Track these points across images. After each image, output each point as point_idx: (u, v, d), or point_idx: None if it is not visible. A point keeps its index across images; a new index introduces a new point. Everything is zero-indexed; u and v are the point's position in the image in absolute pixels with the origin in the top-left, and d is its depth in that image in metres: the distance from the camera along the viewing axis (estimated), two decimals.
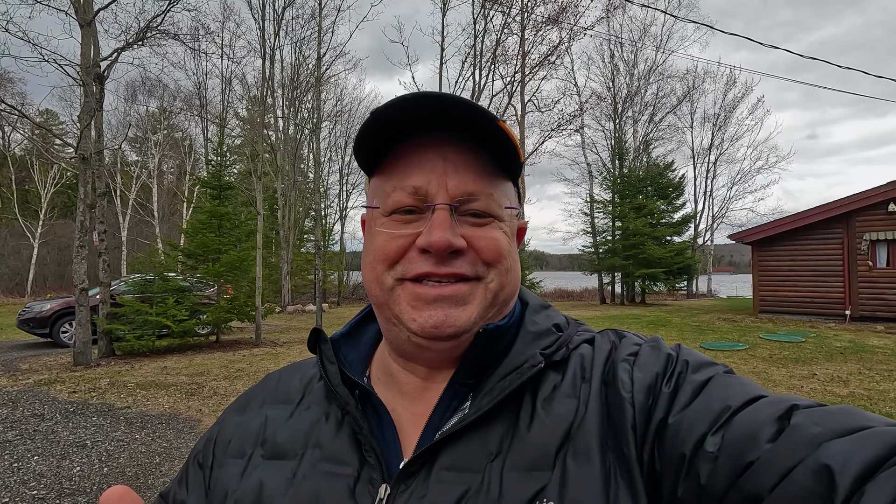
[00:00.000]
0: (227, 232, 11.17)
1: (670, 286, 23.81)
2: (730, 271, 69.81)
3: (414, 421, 0.53)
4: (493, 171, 0.53)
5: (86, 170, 8.24)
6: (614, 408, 0.47)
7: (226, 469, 0.57)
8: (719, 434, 0.41)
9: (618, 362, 0.51)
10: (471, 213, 0.51)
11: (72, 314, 10.16)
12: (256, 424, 0.59)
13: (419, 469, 0.48)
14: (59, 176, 29.54)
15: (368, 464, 0.50)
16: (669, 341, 0.74)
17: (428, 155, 0.51)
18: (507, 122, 0.49)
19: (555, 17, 15.60)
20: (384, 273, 0.51)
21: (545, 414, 0.49)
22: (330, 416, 0.55)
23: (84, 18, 8.17)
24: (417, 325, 0.49)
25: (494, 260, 0.51)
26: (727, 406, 0.43)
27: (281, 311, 18.22)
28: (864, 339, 10.50)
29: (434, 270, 0.49)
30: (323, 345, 0.59)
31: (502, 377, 0.50)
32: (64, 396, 6.28)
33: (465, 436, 0.48)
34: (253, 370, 7.80)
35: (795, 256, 14.28)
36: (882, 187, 12.75)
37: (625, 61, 26.79)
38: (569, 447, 0.46)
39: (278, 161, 19.81)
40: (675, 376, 0.48)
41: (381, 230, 0.52)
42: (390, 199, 0.52)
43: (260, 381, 0.66)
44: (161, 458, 4.30)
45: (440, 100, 0.48)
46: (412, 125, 0.51)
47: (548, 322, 0.56)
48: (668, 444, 0.44)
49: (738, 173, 29.31)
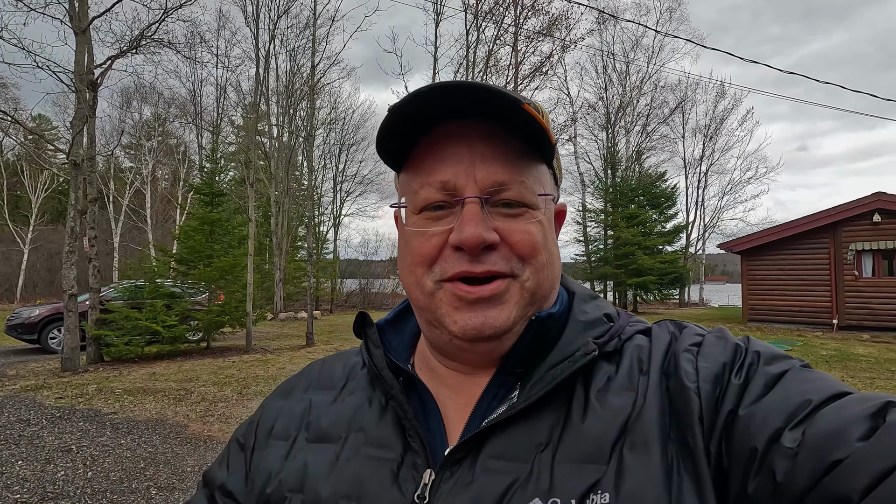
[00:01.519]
0: (218, 238, 11.18)
1: (662, 295, 23.97)
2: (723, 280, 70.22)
3: (459, 409, 0.52)
4: (525, 156, 0.50)
5: (77, 176, 8.26)
6: (677, 399, 0.45)
7: (269, 451, 0.57)
8: (798, 429, 0.39)
9: (679, 353, 0.48)
10: (503, 204, 0.49)
11: (61, 320, 10.11)
12: (300, 409, 0.59)
13: (465, 456, 0.47)
14: (51, 181, 29.42)
15: (412, 449, 0.49)
16: None
17: (454, 146, 0.49)
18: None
19: (546, 29, 15.84)
20: (424, 276, 0.50)
21: (600, 405, 0.47)
22: (373, 401, 0.55)
23: (79, 26, 8.24)
24: (458, 327, 0.49)
25: (529, 255, 0.49)
26: (807, 400, 0.40)
27: (273, 318, 18.17)
28: (850, 347, 10.64)
29: (470, 269, 0.48)
30: (368, 329, 0.59)
31: (553, 366, 0.49)
32: (50, 402, 6.26)
33: (513, 425, 0.47)
34: (242, 376, 7.79)
35: (783, 266, 14.46)
36: (867, 198, 12.98)
37: (617, 72, 27.19)
38: (626, 440, 0.44)
39: (272, 168, 19.87)
40: (746, 367, 0.46)
41: (414, 230, 0.51)
42: (419, 196, 0.51)
43: (302, 370, 0.67)
44: (146, 463, 4.31)
45: (460, 88, 0.46)
46: (433, 116, 0.49)
47: (598, 312, 0.54)
48: (738, 437, 0.41)
49: (729, 183, 29.67)
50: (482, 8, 15.70)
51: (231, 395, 6.69)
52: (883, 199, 12.73)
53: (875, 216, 12.80)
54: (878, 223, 12.83)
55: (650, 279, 21.19)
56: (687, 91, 28.84)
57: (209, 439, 4.97)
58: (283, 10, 16.56)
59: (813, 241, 13.93)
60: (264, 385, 7.20)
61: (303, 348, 10.90)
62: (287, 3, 16.80)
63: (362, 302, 25.14)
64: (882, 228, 12.81)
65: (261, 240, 22.27)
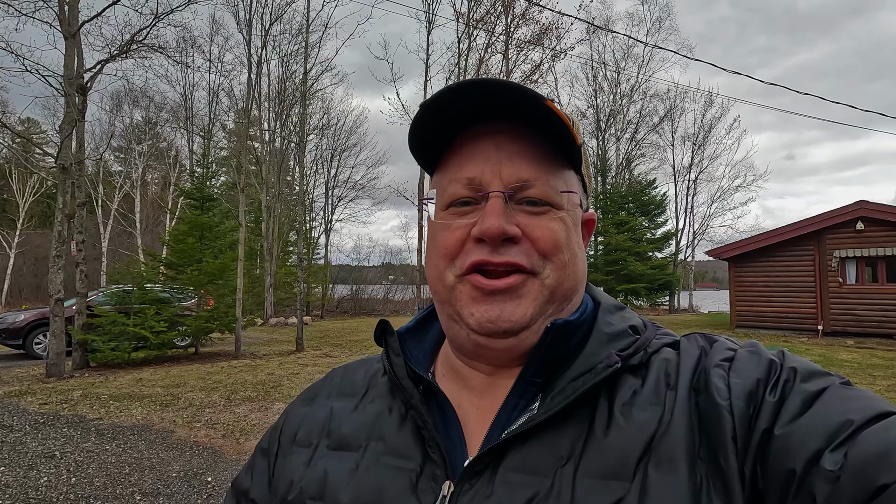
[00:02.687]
0: (208, 242, 11.14)
1: (652, 301, 24.14)
2: (713, 287, 70.84)
3: (480, 417, 0.51)
4: (551, 158, 0.51)
5: (65, 180, 8.21)
6: (708, 416, 0.43)
7: (291, 457, 0.57)
8: (840, 451, 0.37)
9: (710, 368, 0.46)
10: (527, 202, 0.49)
11: (46, 325, 9.98)
12: (322, 416, 0.59)
13: (484, 468, 0.46)
14: (39, 185, 29.12)
15: (431, 460, 0.49)
16: None
17: (482, 145, 0.50)
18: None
19: (537, 37, 16.04)
20: (446, 269, 0.51)
21: (624, 420, 0.45)
22: (393, 410, 0.55)
23: (69, 30, 8.23)
24: (475, 319, 0.48)
25: (550, 251, 0.49)
26: (848, 420, 0.38)
27: (263, 323, 18.07)
28: (835, 353, 10.80)
29: (489, 258, 0.48)
30: (389, 337, 0.58)
31: (575, 377, 0.48)
32: (34, 408, 6.19)
33: (534, 437, 0.46)
34: (231, 382, 7.75)
35: (770, 273, 14.65)
36: (850, 206, 13.22)
37: (608, 80, 27.53)
38: (651, 457, 0.43)
39: (263, 173, 19.84)
40: (781, 384, 0.43)
41: (439, 223, 0.52)
42: (447, 192, 0.52)
43: (325, 376, 0.66)
44: (131, 469, 4.28)
45: (483, 85, 0.47)
46: (461, 119, 0.50)
47: (623, 323, 0.53)
48: (775, 458, 0.39)
49: (718, 191, 30.05)
50: (473, 17, 15.87)
51: (219, 400, 6.65)
52: (866, 207, 12.98)
53: (858, 224, 13.03)
54: (861, 231, 13.06)
55: (641, 286, 21.37)
56: (676, 100, 29.31)
57: (195, 445, 4.94)
58: (276, 16, 16.63)
59: (798, 248, 14.14)
60: (252, 391, 7.17)
61: (292, 354, 10.86)
62: (280, 10, 16.88)
63: (354, 308, 25.04)
64: (865, 236, 13.04)
65: (251, 245, 22.17)
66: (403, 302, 27.04)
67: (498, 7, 15.89)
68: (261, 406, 6.39)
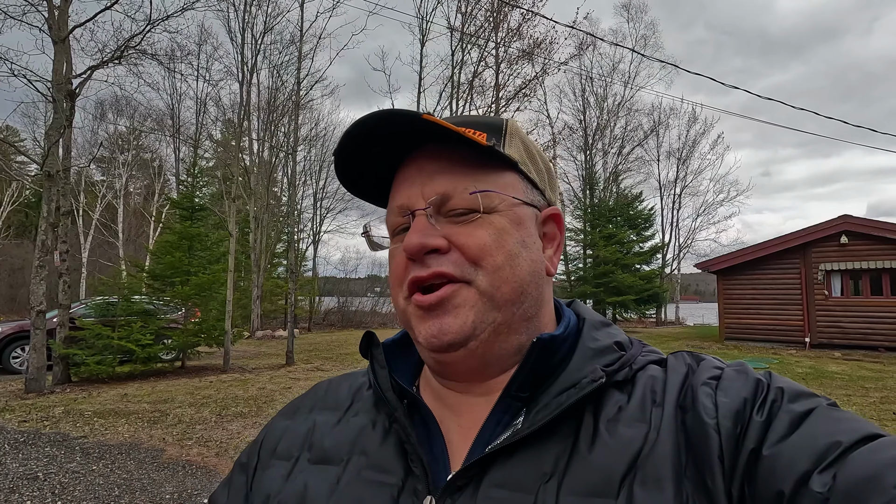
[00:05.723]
0: (197, 254, 10.88)
1: (640, 313, 24.31)
2: (696, 300, 71.81)
3: (463, 434, 0.51)
4: (476, 166, 0.50)
5: (51, 187, 7.95)
6: (695, 435, 0.43)
7: (270, 471, 0.56)
8: (829, 473, 0.37)
9: (697, 386, 0.46)
10: (451, 213, 0.50)
11: (24, 338, 9.60)
12: (304, 429, 0.58)
13: (467, 483, 0.46)
14: (18, 194, 28.34)
15: (413, 474, 0.48)
16: None
17: (408, 171, 0.52)
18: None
19: (528, 52, 16.23)
20: (398, 295, 0.52)
21: (609, 436, 0.45)
22: (377, 424, 0.54)
23: (58, 35, 8.04)
24: (423, 337, 0.49)
25: (478, 257, 0.48)
26: (836, 441, 0.38)
27: (250, 336, 17.70)
28: (824, 365, 10.92)
29: (418, 274, 0.48)
30: (375, 349, 0.57)
31: (559, 392, 0.48)
32: (13, 426, 5.88)
33: (518, 452, 0.46)
34: (221, 397, 7.50)
35: (757, 285, 14.86)
36: (834, 220, 13.53)
37: (595, 95, 27.99)
38: (636, 475, 0.42)
39: (251, 184, 19.59)
40: (769, 404, 0.43)
41: (389, 253, 0.53)
42: (388, 223, 0.54)
43: (309, 390, 0.66)
44: (121, 491, 4.06)
45: (364, 124, 0.48)
46: (383, 154, 0.52)
47: (609, 339, 0.53)
48: (763, 479, 0.39)
49: (702, 205, 30.59)
50: (467, 30, 16.02)
51: (209, 416, 6.41)
52: (849, 221, 13.28)
53: (842, 238, 13.32)
54: (845, 245, 13.34)
55: (629, 298, 21.53)
56: (661, 116, 29.88)
57: (188, 464, 4.72)
58: (269, 26, 16.57)
59: (785, 261, 14.38)
60: (244, 406, 6.94)
61: (283, 367, 10.59)
62: (272, 21, 16.83)
63: (341, 320, 24.73)
64: (849, 250, 13.32)
65: (238, 256, 21.81)
66: (391, 314, 26.80)
67: (490, 22, 16.09)
68: (254, 422, 6.17)
